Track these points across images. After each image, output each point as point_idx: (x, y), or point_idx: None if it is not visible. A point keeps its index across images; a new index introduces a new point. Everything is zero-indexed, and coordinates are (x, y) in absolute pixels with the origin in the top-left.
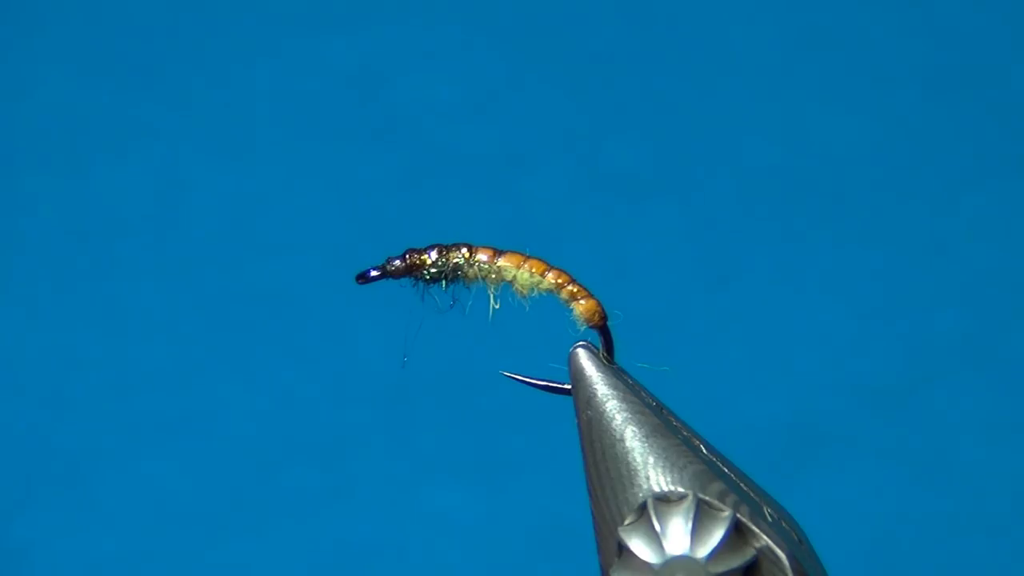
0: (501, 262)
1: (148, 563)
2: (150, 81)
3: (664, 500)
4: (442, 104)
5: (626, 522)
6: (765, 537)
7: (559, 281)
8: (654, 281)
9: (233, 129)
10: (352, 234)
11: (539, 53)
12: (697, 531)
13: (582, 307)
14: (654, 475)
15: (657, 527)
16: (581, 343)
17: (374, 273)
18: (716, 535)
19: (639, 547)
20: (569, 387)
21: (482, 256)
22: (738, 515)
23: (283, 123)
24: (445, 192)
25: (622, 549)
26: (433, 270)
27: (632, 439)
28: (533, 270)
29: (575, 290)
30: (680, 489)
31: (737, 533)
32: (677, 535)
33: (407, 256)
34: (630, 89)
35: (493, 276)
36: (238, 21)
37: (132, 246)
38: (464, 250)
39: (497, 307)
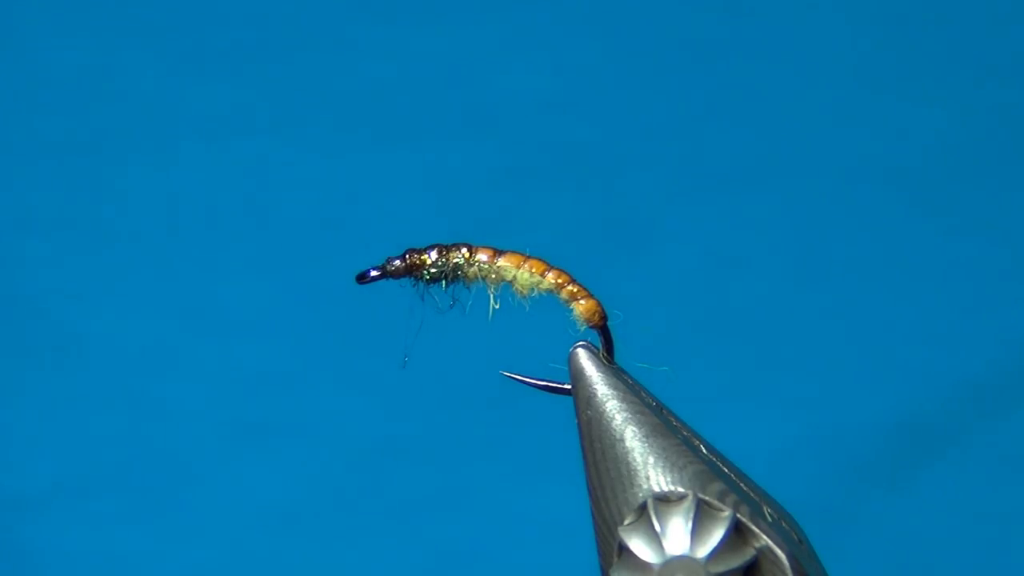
0: (501, 262)
1: (253, 569)
2: (243, 72)
3: (664, 500)
4: (538, 96)
5: (626, 522)
6: (765, 537)
7: (559, 281)
8: (755, 276)
9: (328, 121)
10: (450, 229)
11: (638, 44)
12: (697, 531)
13: (582, 307)
14: (654, 475)
15: (657, 527)
16: (581, 343)
17: (374, 273)
18: (716, 535)
19: (639, 547)
20: (569, 387)
21: (482, 256)
22: (738, 515)
23: (377, 115)
24: (541, 186)
25: (622, 549)
26: (433, 270)
27: (632, 439)
28: (533, 270)
29: (575, 290)
30: (680, 489)
31: (737, 533)
32: (677, 535)
33: (407, 256)
34: (729, 81)
35: (493, 276)
36: (333, 12)
37: (230, 241)
38: (464, 250)
39: (497, 307)
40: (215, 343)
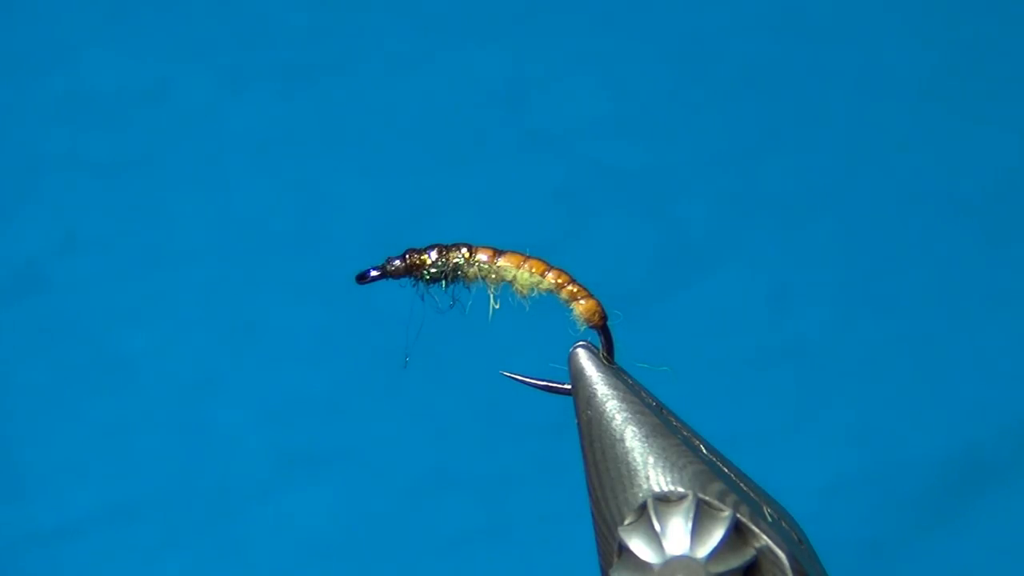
0: (501, 262)
1: None
2: (295, 93)
3: (664, 500)
4: (594, 119)
5: (626, 522)
6: (765, 537)
7: (559, 281)
8: (811, 306)
9: (381, 143)
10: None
11: (694, 69)
12: (697, 531)
13: (582, 307)
14: (654, 475)
15: (657, 527)
16: (581, 343)
17: (374, 273)
18: (716, 535)
19: (639, 547)
20: (569, 387)
21: (482, 256)
22: (738, 515)
23: (431, 137)
24: (596, 209)
25: (622, 549)
26: (433, 270)
27: (632, 439)
28: (533, 270)
29: (575, 290)
30: (680, 489)
31: (737, 533)
32: (677, 535)
33: (407, 256)
34: (787, 107)
35: (493, 276)
36: (388, 32)
37: (280, 264)
38: (464, 250)
39: (497, 307)
40: (263, 368)
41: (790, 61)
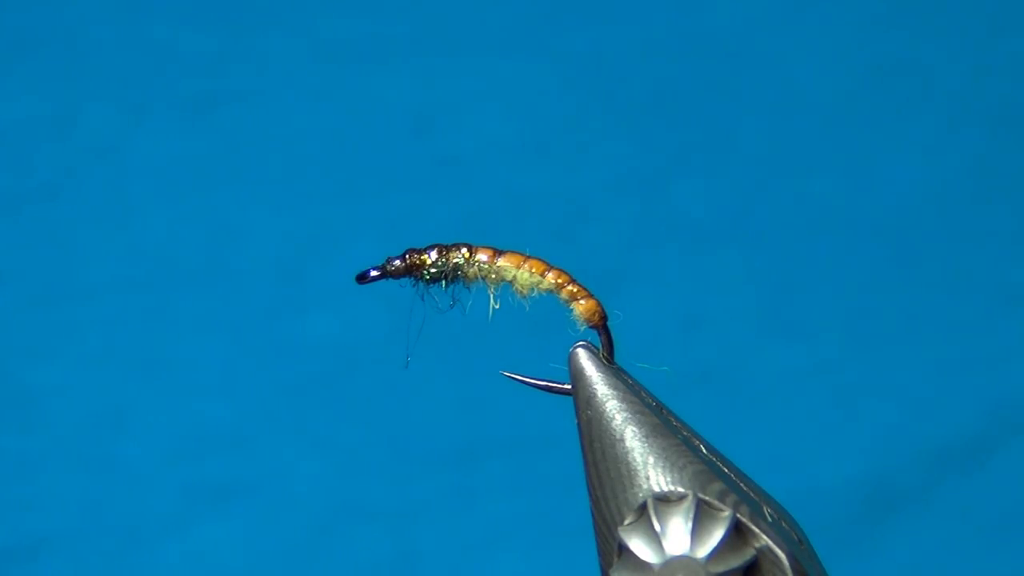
0: (501, 262)
1: None
2: (201, 123)
3: (664, 500)
4: (501, 144)
5: (626, 522)
6: (765, 537)
7: (559, 281)
8: (721, 332)
9: (287, 173)
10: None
11: (600, 93)
12: (697, 531)
13: (582, 307)
14: (654, 475)
15: (657, 527)
16: (581, 343)
17: (374, 273)
18: (716, 535)
19: (639, 547)
20: (569, 387)
21: (482, 256)
22: (738, 515)
23: (337, 164)
24: (504, 235)
25: (622, 549)
26: (433, 270)
27: (632, 439)
28: (533, 270)
29: (575, 290)
30: (680, 489)
31: (737, 533)
32: (677, 535)
33: (407, 256)
34: (696, 132)
35: (493, 276)
36: (288, 60)
37: (187, 296)
38: (464, 250)
39: (497, 307)
40: (170, 402)
41: (696, 85)
